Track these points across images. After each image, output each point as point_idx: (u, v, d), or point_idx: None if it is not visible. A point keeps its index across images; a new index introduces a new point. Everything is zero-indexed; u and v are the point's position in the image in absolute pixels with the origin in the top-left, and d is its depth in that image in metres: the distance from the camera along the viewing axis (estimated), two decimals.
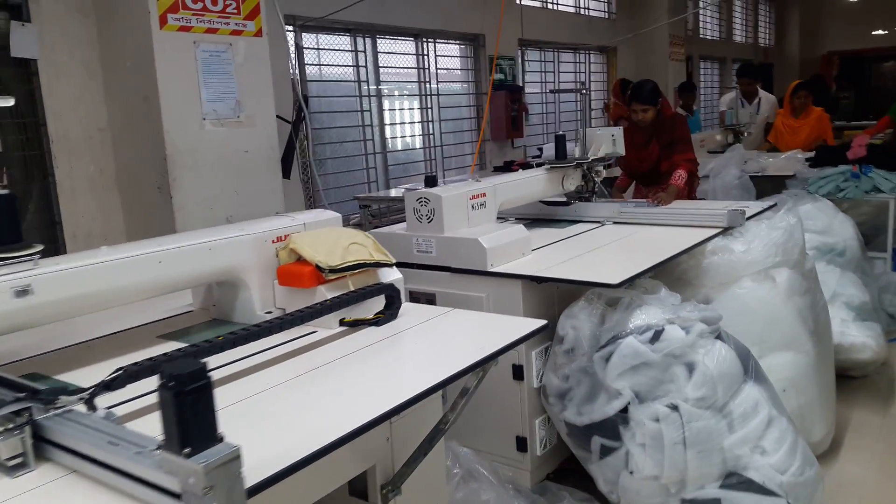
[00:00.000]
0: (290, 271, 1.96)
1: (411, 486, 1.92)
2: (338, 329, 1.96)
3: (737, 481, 2.29)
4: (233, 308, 2.06)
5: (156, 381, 0.99)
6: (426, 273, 2.75)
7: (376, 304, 2.04)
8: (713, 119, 9.26)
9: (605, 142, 3.56)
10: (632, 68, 9.04)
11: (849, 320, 3.60)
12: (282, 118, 4.44)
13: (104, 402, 1.35)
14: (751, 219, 3.21)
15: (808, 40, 15.80)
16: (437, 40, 6.26)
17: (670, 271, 2.97)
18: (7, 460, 1.22)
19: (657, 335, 2.36)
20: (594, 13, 8.66)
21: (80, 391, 1.33)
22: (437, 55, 6.25)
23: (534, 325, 1.91)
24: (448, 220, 2.71)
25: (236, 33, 3.75)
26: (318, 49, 5.22)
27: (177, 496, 1.02)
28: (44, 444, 1.27)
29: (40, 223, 3.54)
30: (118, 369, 1.37)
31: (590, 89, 8.68)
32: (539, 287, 2.60)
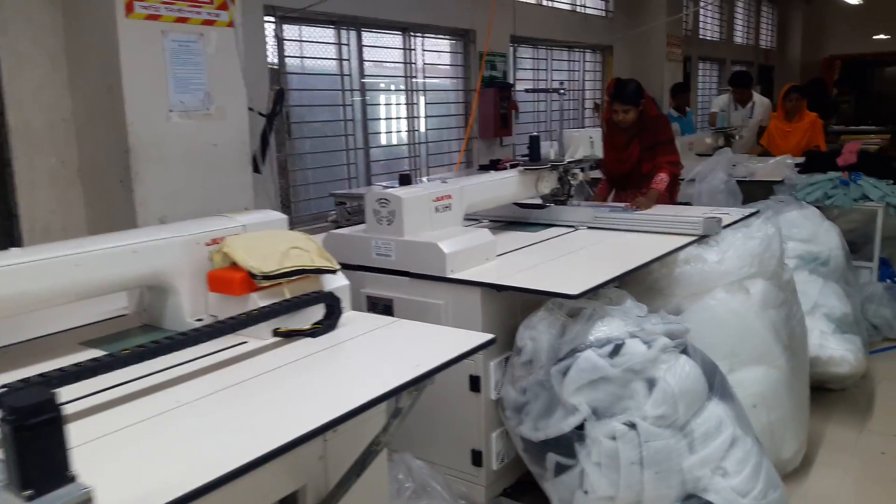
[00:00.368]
0: (220, 277, 1.86)
1: None
2: (270, 340, 1.86)
3: None
4: (163, 314, 1.96)
5: None
6: (385, 278, 2.65)
7: (318, 314, 1.94)
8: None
9: (583, 144, 3.45)
10: (628, 68, 8.90)
11: (828, 332, 3.50)
12: (256, 111, 4.34)
13: None
14: (729, 227, 3.11)
15: (810, 43, 15.65)
16: (426, 35, 6.14)
17: (641, 279, 2.87)
18: None
19: (617, 349, 2.25)
20: (591, 11, 8.52)
21: None
22: (424, 50, 6.12)
23: (479, 339, 1.81)
24: (409, 223, 2.60)
25: (208, 23, 3.63)
26: (300, 41, 5.11)
27: None
28: None
29: None
30: None
31: (584, 88, 8.56)
32: (500, 295, 2.49)
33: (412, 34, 5.98)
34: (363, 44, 5.52)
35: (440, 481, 2.39)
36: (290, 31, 5.05)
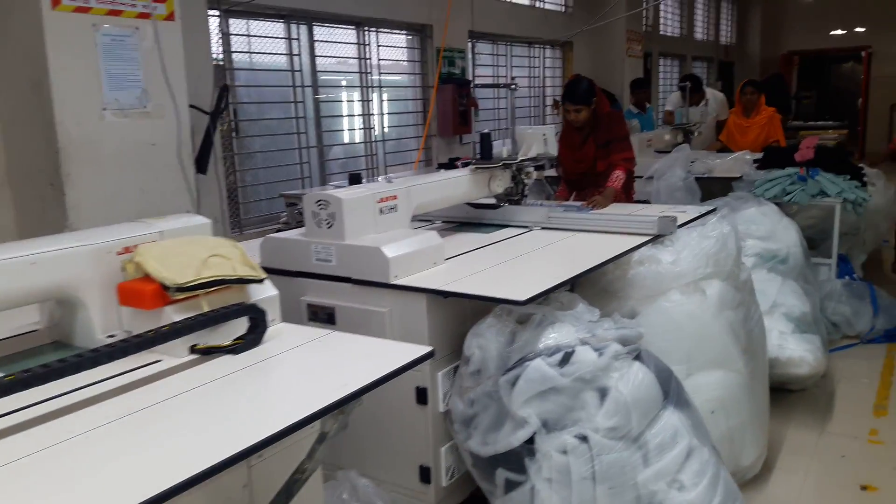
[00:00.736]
0: (130, 290, 1.70)
1: None
2: (187, 357, 1.71)
3: None
4: (73, 330, 1.80)
5: None
6: (326, 284, 2.50)
7: (242, 327, 1.79)
8: None
9: (537, 141, 3.34)
10: (588, 64, 8.85)
11: (787, 333, 3.44)
12: (198, 108, 4.15)
13: None
14: (685, 226, 3.02)
15: (768, 39, 15.81)
16: (381, 30, 5.97)
17: (595, 282, 2.76)
18: None
19: (567, 357, 2.14)
20: (550, 6, 8.44)
21: None
22: (379, 45, 5.96)
23: (415, 353, 1.68)
24: (350, 226, 2.46)
25: (144, 16, 3.44)
26: (248, 36, 4.92)
27: None
28: None
29: None
30: None
31: (544, 85, 8.47)
32: (447, 302, 2.36)
33: (366, 29, 5.81)
34: (315, 38, 5.34)
35: (387, 500, 2.26)
36: (237, 25, 4.86)
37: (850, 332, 4.35)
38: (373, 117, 5.96)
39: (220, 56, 4.64)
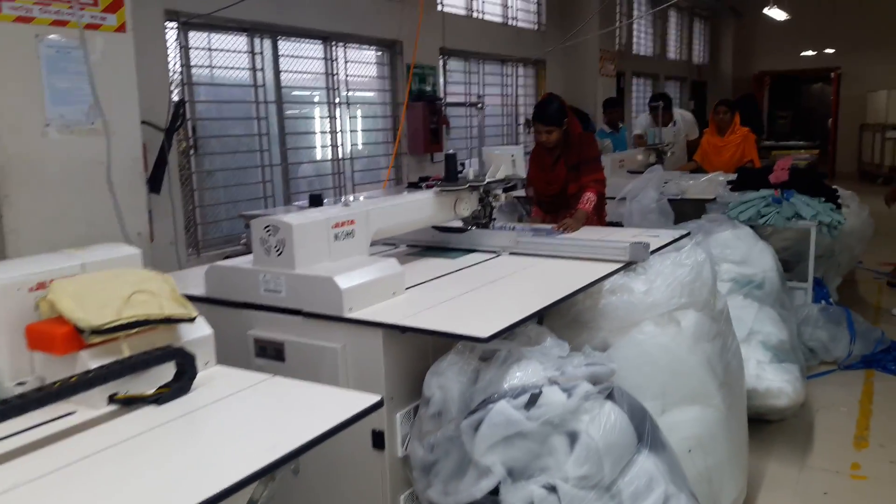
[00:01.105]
0: (40, 332, 1.51)
1: None
2: (106, 409, 1.52)
3: None
4: None
5: None
6: (275, 317, 2.31)
7: (170, 373, 1.60)
8: None
9: (505, 162, 3.19)
10: (561, 83, 8.79)
11: (765, 362, 3.32)
12: (152, 125, 3.96)
13: None
14: (659, 251, 2.88)
15: (740, 59, 15.97)
16: (349, 45, 5.82)
17: (564, 312, 2.60)
18: None
19: (534, 399, 1.97)
20: (523, 24, 8.36)
21: None
22: (347, 61, 5.81)
23: (361, 403, 1.51)
24: (301, 254, 2.28)
25: (92, 27, 3.26)
26: (209, 49, 4.73)
27: None
28: None
29: None
30: None
31: (516, 104, 8.37)
32: (406, 336, 2.18)
33: (334, 44, 5.66)
34: (280, 53, 5.17)
35: None
36: (198, 38, 4.67)
37: (827, 358, 4.25)
38: (341, 135, 5.79)
39: (178, 70, 4.45)
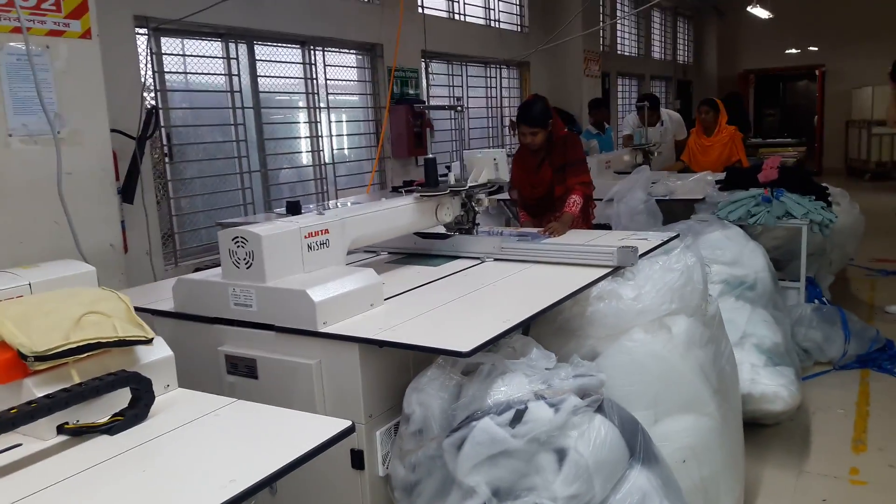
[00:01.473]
0: None
1: None
2: (55, 439, 1.40)
3: None
4: None
5: None
6: (246, 332, 2.19)
7: (126, 399, 1.48)
8: None
9: (487, 166, 3.09)
10: (546, 84, 8.71)
11: (759, 366, 3.22)
12: (123, 133, 3.83)
13: None
14: (648, 255, 2.79)
15: (725, 58, 15.97)
16: (328, 49, 5.71)
17: (551, 320, 2.50)
18: None
19: (519, 415, 1.86)
20: (505, 26, 8.27)
21: None
22: (326, 65, 5.69)
23: (330, 429, 1.39)
24: (271, 266, 2.16)
25: (55, 34, 3.14)
26: (182, 55, 4.61)
27: None
28: None
29: None
30: None
31: (501, 105, 8.28)
32: (385, 350, 2.07)
33: (313, 48, 5.54)
34: (256, 58, 5.05)
35: None
36: (171, 44, 4.55)
37: (821, 359, 4.17)
38: (322, 139, 5.68)
39: (151, 77, 4.32)
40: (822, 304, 4.34)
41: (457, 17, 7.40)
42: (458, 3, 7.42)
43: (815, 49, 14.84)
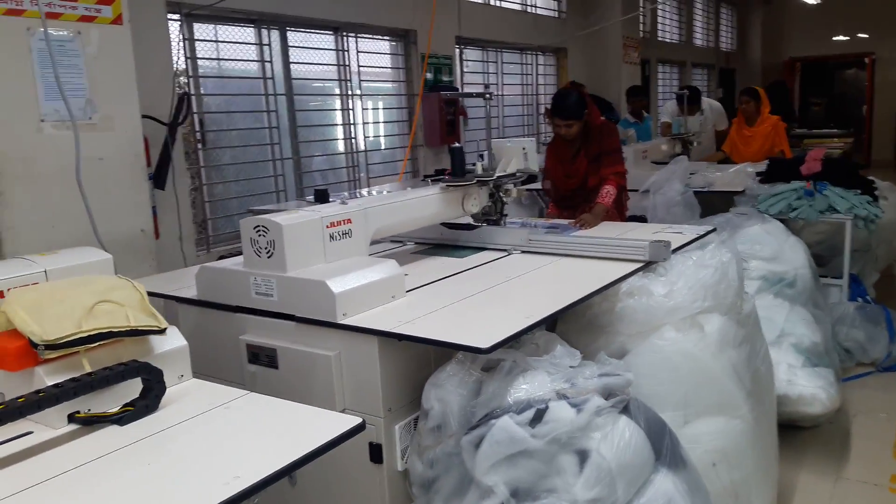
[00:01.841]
0: None
1: None
2: (66, 428, 1.39)
3: None
4: None
5: None
6: (267, 322, 2.17)
7: (138, 389, 1.46)
8: None
9: (516, 156, 3.01)
10: (583, 71, 8.55)
11: (797, 366, 3.11)
12: (155, 119, 3.84)
13: None
14: (682, 249, 2.69)
15: (770, 45, 15.52)
16: (361, 35, 5.67)
17: (580, 315, 2.43)
18: None
19: (539, 415, 1.81)
20: (542, 11, 8.12)
21: None
22: (359, 52, 5.65)
23: (341, 426, 1.36)
24: (292, 255, 2.13)
25: (87, 19, 3.16)
26: (215, 42, 4.61)
27: None
28: None
29: None
30: None
31: (537, 93, 8.16)
32: (405, 344, 2.03)
33: (345, 34, 5.50)
34: (289, 44, 5.03)
35: None
36: (203, 30, 4.55)
37: (864, 360, 4.02)
38: (354, 127, 5.65)
39: (183, 63, 4.33)
40: (866, 303, 4.18)
41: (492, 2, 7.29)
42: None
43: (865, 36, 14.32)
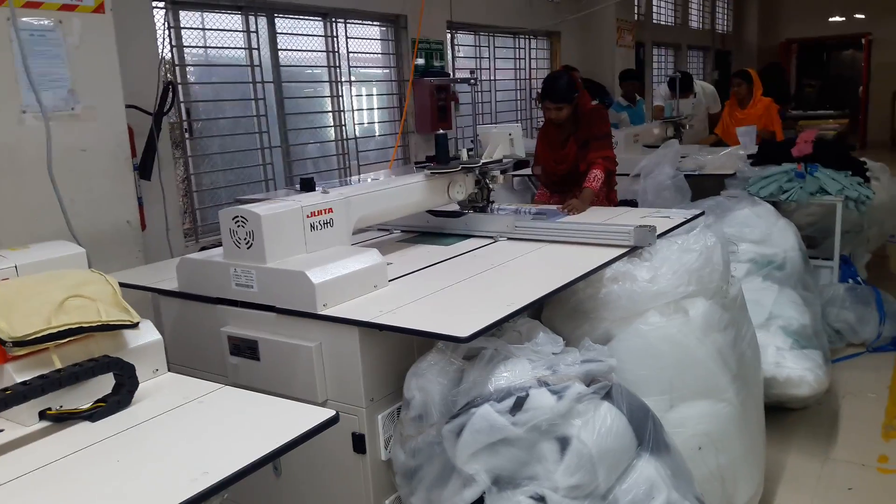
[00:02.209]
0: None
1: None
2: (37, 425, 1.38)
3: None
4: None
5: None
6: (248, 313, 2.16)
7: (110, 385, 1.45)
8: None
9: (502, 142, 2.99)
10: (576, 55, 8.49)
11: (785, 349, 3.11)
12: (139, 108, 3.81)
13: None
14: (669, 233, 2.68)
15: (766, 27, 15.42)
16: (351, 21, 5.61)
17: (565, 301, 2.42)
18: None
19: (519, 402, 1.80)
20: None
21: None
22: (348, 37, 5.60)
23: (313, 419, 1.35)
24: (272, 246, 2.12)
25: (68, 8, 3.13)
26: (201, 29, 4.56)
27: None
28: None
29: None
30: None
31: (530, 77, 8.10)
32: (386, 334, 2.01)
33: (334, 20, 5.45)
34: (277, 31, 4.99)
35: None
36: (190, 18, 4.50)
37: (854, 340, 4.02)
38: (344, 114, 5.61)
39: (168, 52, 4.29)
40: (857, 284, 4.17)
41: None
42: None
43: (862, 17, 14.23)
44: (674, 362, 2.32)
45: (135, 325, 1.51)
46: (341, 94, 5.52)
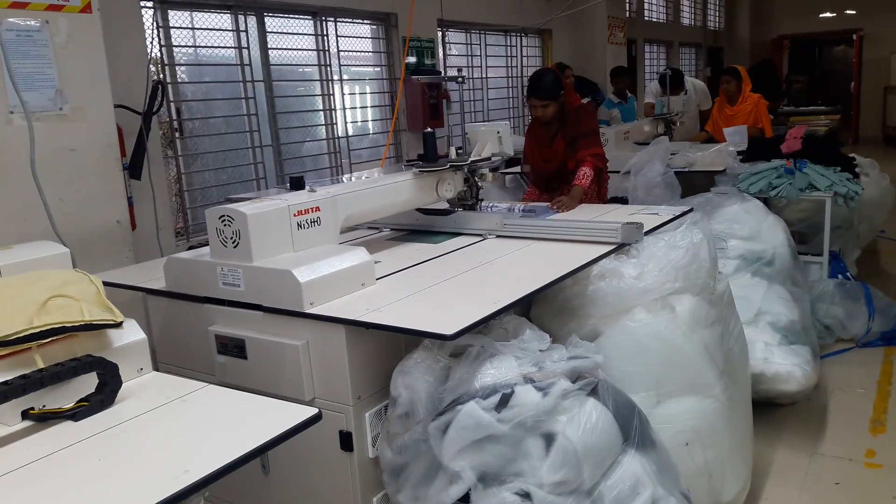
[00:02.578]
0: None
1: None
2: (20, 425, 1.38)
3: None
4: None
5: None
6: (235, 312, 2.16)
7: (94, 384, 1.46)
8: None
9: (490, 139, 3.00)
10: (568, 52, 8.50)
11: (773, 344, 3.12)
12: (128, 108, 3.81)
13: None
14: (657, 230, 2.69)
15: (758, 23, 15.45)
16: (341, 19, 5.61)
17: (552, 298, 2.43)
18: None
19: (505, 399, 1.81)
20: None
21: None
22: (339, 36, 5.59)
23: (296, 418, 1.35)
24: (258, 245, 2.12)
25: (54, 8, 3.13)
26: (191, 29, 4.55)
27: None
28: None
29: None
30: None
31: (522, 75, 8.10)
32: (373, 332, 2.02)
33: (325, 18, 5.45)
34: (267, 30, 4.98)
35: None
36: (178, 17, 4.49)
37: (844, 336, 4.04)
38: (335, 112, 5.61)
39: (157, 51, 4.28)
40: (846, 279, 4.19)
41: None
42: None
43: (853, 13, 14.28)
44: (661, 359, 2.33)
45: (118, 325, 1.51)
46: (332, 92, 5.51)
